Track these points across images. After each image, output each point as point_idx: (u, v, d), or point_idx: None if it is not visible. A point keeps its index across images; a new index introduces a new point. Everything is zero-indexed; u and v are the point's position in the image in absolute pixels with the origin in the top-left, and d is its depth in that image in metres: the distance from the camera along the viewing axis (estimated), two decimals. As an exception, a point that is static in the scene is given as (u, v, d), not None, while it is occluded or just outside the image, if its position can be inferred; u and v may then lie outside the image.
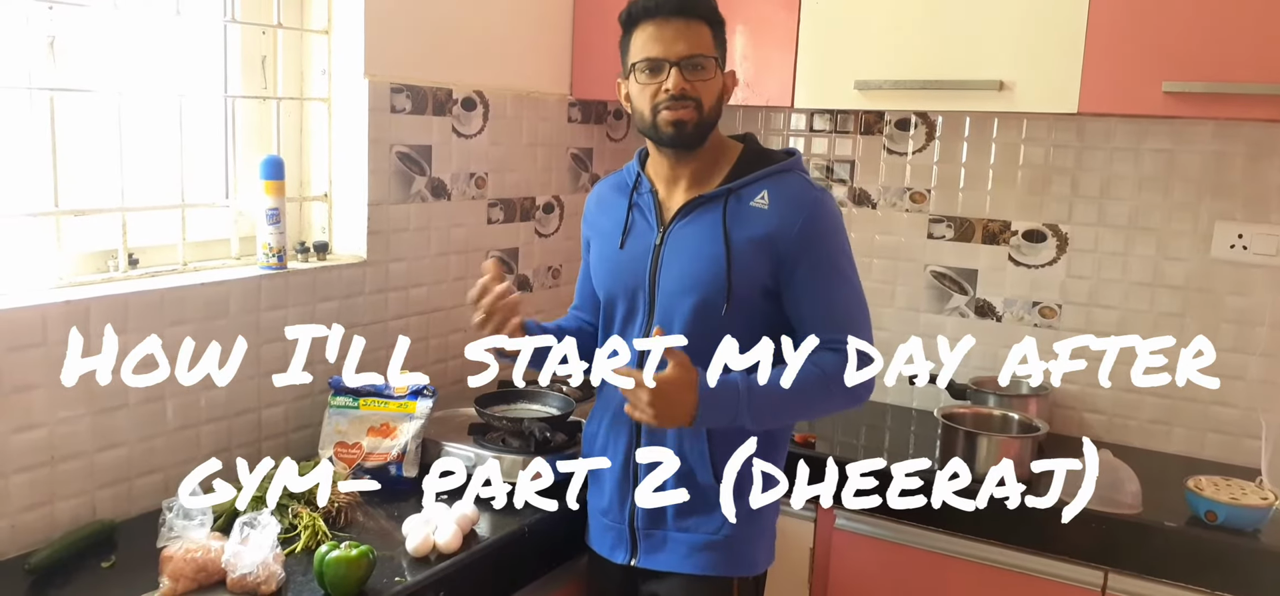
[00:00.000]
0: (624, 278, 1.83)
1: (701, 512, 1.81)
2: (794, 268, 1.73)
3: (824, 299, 1.74)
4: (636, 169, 1.89)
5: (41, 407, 1.72)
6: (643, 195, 1.85)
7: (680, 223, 1.79)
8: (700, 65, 1.73)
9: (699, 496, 1.80)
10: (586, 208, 1.99)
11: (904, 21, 2.39)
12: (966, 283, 2.74)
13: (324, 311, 2.21)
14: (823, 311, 1.74)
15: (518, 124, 2.70)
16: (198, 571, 1.58)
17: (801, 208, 1.73)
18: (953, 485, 2.18)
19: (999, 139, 2.67)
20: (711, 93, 1.75)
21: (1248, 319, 2.43)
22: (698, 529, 1.82)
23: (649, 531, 1.85)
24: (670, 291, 1.78)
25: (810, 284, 1.74)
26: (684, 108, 1.72)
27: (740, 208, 1.75)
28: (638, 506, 1.84)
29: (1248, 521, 2.00)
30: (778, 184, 1.76)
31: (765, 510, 1.86)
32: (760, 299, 1.75)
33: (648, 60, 1.73)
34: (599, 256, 1.91)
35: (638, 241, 1.83)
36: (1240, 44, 2.06)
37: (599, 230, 1.92)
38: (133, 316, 1.84)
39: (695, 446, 1.79)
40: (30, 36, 1.79)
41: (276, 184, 2.10)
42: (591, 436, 1.95)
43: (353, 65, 2.25)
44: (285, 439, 2.16)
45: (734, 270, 1.73)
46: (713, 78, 1.75)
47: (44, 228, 1.84)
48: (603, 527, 1.93)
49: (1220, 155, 2.43)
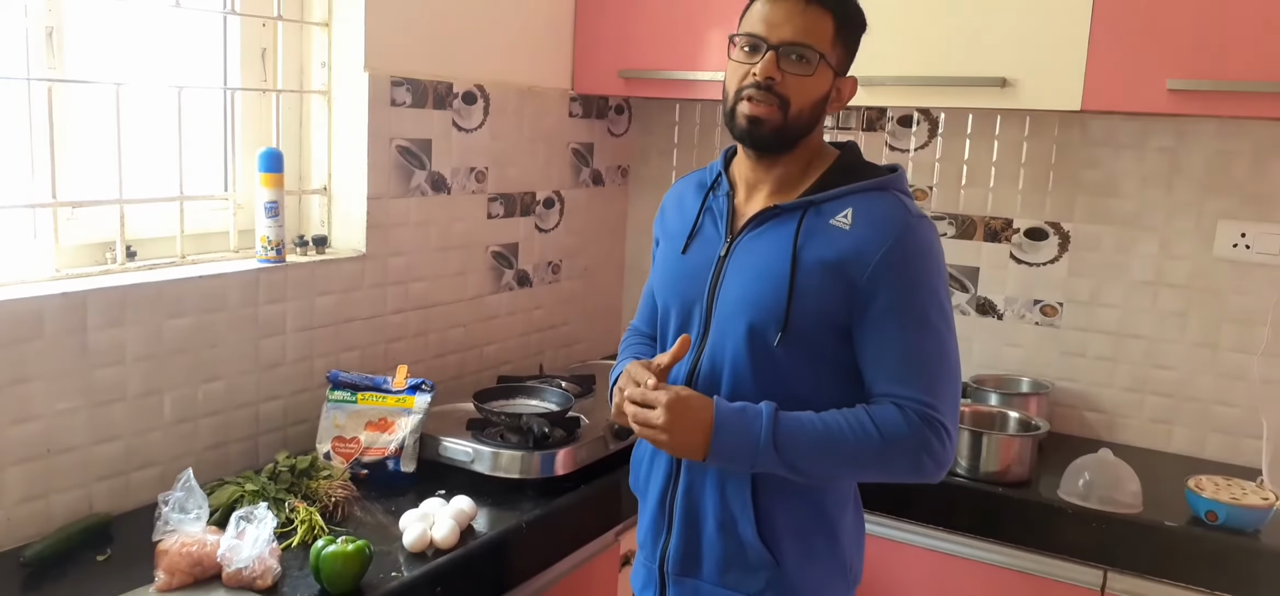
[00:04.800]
0: (682, 289, 1.61)
1: (741, 568, 1.56)
2: (869, 302, 1.46)
3: (899, 345, 1.47)
4: (719, 167, 1.67)
5: (38, 400, 1.72)
6: (718, 198, 1.63)
7: (750, 233, 1.56)
8: (803, 57, 1.49)
9: (739, 550, 1.56)
10: (663, 203, 1.77)
11: (907, 17, 2.38)
12: (968, 280, 2.74)
13: (322, 305, 2.20)
14: (894, 360, 1.47)
15: (519, 118, 2.69)
16: (193, 565, 1.58)
17: (889, 231, 1.46)
18: (953, 483, 2.17)
19: (1001, 136, 2.66)
20: (807, 94, 1.50)
21: (1250, 318, 2.42)
22: (737, 586, 1.57)
23: (680, 578, 1.62)
24: (727, 311, 1.54)
25: (885, 324, 1.47)
26: (766, 103, 1.49)
27: (819, 224, 1.51)
28: (670, 548, 1.63)
29: (1248, 521, 1.99)
30: (868, 202, 1.51)
31: (819, 579, 1.58)
32: (827, 335, 1.50)
33: (748, 36, 1.51)
34: (662, 261, 1.70)
35: (703, 249, 1.61)
36: (1244, 42, 2.04)
37: (668, 232, 1.71)
38: (130, 309, 1.83)
39: (738, 492, 1.54)
40: (29, 27, 1.78)
41: (275, 177, 2.09)
42: (639, 459, 1.73)
43: (353, 58, 2.24)
44: (283, 433, 2.16)
45: (796, 295, 1.48)
46: (814, 76, 1.50)
47: (42, 219, 1.84)
48: (638, 562, 1.73)
49: (1224, 154, 2.42)
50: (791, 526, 1.55)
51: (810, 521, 1.56)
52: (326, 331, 2.22)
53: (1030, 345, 2.67)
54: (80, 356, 1.77)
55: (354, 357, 2.29)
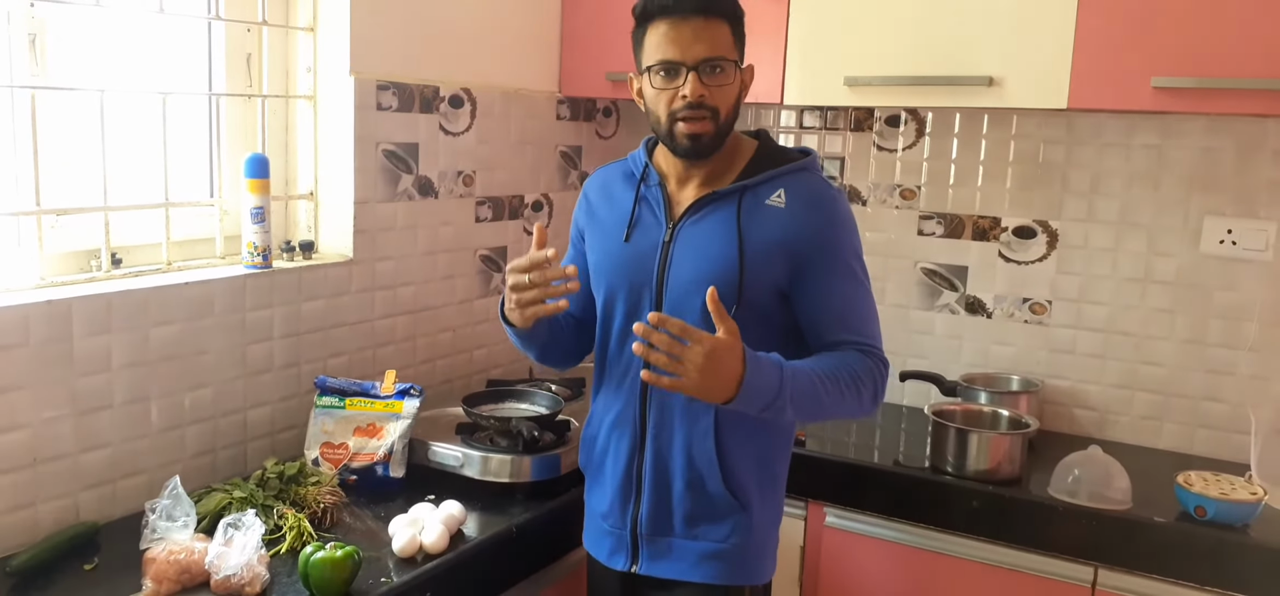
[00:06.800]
0: (629, 274, 1.74)
1: (710, 520, 1.75)
2: (810, 268, 1.67)
3: (840, 302, 1.68)
4: (644, 159, 1.80)
5: (24, 408, 1.71)
6: (651, 188, 1.77)
7: (691, 219, 1.71)
8: (719, 68, 1.64)
9: (707, 503, 1.74)
10: (584, 196, 1.89)
11: (894, 17, 2.38)
12: (956, 279, 2.74)
13: (310, 311, 2.19)
14: (838, 315, 1.68)
15: (506, 121, 2.69)
16: (181, 573, 1.57)
17: (820, 207, 1.68)
18: (943, 482, 2.17)
19: (989, 135, 2.67)
20: (729, 98, 1.66)
21: (1237, 314, 2.43)
22: (706, 537, 1.75)
23: (653, 538, 1.77)
24: (679, 290, 1.68)
25: (827, 285, 1.68)
26: (701, 120, 1.64)
27: (756, 206, 1.69)
28: (641, 512, 1.78)
29: (1237, 516, 1.99)
30: (795, 183, 1.70)
31: (771, 516, 1.81)
32: (773, 300, 1.69)
33: (663, 63, 1.64)
34: (600, 251, 1.80)
35: (645, 237, 1.74)
36: (1229, 39, 2.05)
37: (599, 222, 1.82)
38: (116, 316, 1.82)
39: (704, 450, 1.72)
40: (11, 33, 1.77)
41: (261, 182, 2.08)
42: (590, 439, 1.86)
43: (338, 62, 2.23)
44: (271, 440, 2.15)
45: (747, 270, 1.66)
46: (731, 81, 1.66)
47: (26, 227, 1.82)
48: (601, 532, 1.85)
49: (1209, 150, 2.43)
50: (751, 476, 1.75)
51: (763, 471, 1.77)
52: (314, 337, 2.21)
53: (1019, 343, 2.67)
54: (66, 364, 1.75)
55: (342, 363, 2.29)
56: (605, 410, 1.83)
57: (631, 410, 1.77)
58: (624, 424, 1.78)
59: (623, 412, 1.78)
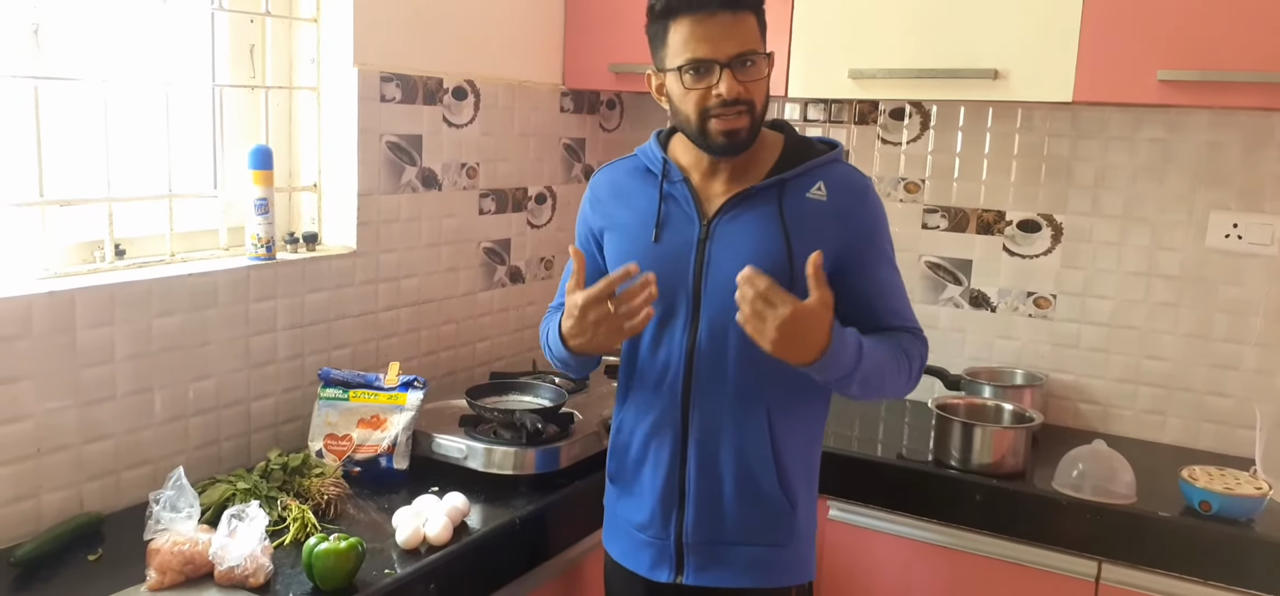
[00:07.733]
0: (662, 274, 1.63)
1: (763, 521, 1.69)
2: (858, 259, 1.66)
3: (887, 289, 1.70)
4: (660, 155, 1.73)
5: (28, 399, 1.70)
6: (676, 184, 1.70)
7: (727, 216, 1.66)
8: (751, 62, 1.58)
9: (758, 504, 1.68)
10: (593, 196, 1.81)
11: (898, 9, 2.38)
12: (961, 273, 2.73)
13: (314, 302, 2.19)
14: (885, 302, 1.70)
15: (509, 113, 2.68)
16: (185, 564, 1.57)
17: (861, 197, 1.68)
18: (947, 476, 2.17)
19: (993, 129, 2.66)
20: (763, 91, 1.62)
21: (1242, 309, 2.42)
22: (761, 539, 1.70)
23: (702, 546, 1.71)
24: (721, 289, 1.61)
25: (873, 275, 1.68)
26: (738, 116, 1.58)
27: (798, 200, 1.65)
28: (686, 520, 1.71)
29: (1242, 511, 1.99)
30: (830, 174, 1.68)
31: (814, 511, 1.78)
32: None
33: (694, 61, 1.57)
34: (626, 252, 1.70)
35: (677, 235, 1.68)
36: (1235, 32, 2.04)
37: (618, 223, 1.75)
38: (120, 307, 1.82)
39: (759, 449, 1.67)
40: (13, 24, 1.76)
41: (265, 174, 2.08)
42: (622, 448, 1.79)
43: (342, 54, 2.23)
44: (275, 431, 2.15)
45: (797, 264, 1.60)
46: (763, 74, 1.61)
47: (29, 218, 1.82)
48: (639, 544, 1.77)
49: (1215, 144, 2.42)
50: (800, 471, 1.72)
51: (808, 465, 1.75)
52: (318, 328, 2.21)
53: (1023, 337, 2.67)
54: (69, 355, 1.75)
55: (345, 355, 2.28)
56: (639, 418, 1.76)
57: (672, 415, 1.70)
58: (663, 430, 1.72)
59: (661, 419, 1.72)
